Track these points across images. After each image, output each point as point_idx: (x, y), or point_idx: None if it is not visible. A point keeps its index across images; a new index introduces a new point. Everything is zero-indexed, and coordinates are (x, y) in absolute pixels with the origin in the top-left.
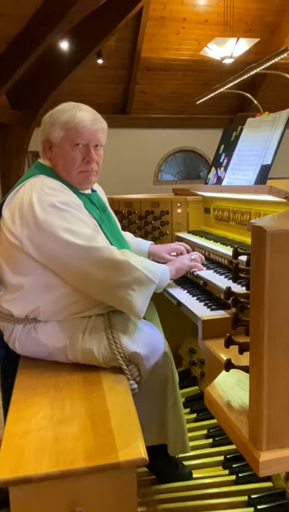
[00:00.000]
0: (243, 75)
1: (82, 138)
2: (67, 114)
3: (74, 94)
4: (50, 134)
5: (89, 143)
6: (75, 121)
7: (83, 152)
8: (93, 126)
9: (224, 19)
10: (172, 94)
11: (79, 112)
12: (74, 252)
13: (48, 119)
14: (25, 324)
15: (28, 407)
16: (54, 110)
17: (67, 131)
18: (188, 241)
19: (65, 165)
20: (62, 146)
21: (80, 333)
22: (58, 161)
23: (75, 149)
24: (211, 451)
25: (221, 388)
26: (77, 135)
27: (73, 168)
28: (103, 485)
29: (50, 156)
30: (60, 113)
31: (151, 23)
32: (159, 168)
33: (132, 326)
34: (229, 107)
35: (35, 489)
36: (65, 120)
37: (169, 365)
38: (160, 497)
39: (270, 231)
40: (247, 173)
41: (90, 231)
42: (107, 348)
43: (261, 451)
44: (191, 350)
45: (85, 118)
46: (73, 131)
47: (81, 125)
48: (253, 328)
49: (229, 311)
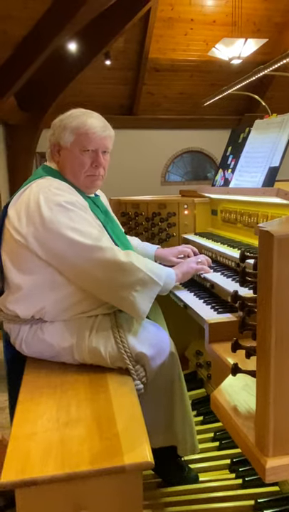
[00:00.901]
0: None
1: (92, 144)
2: (79, 120)
3: (82, 95)
4: (60, 138)
5: (98, 149)
6: (86, 127)
7: (92, 157)
8: (103, 133)
9: (232, 20)
10: (180, 95)
11: (90, 118)
12: (79, 250)
13: (59, 124)
14: (32, 325)
15: (34, 408)
16: (65, 115)
17: (77, 136)
18: (195, 243)
19: (73, 169)
20: (72, 150)
21: (86, 332)
22: (67, 165)
23: (84, 154)
24: (218, 455)
25: (227, 393)
26: (88, 141)
27: (81, 172)
28: (109, 488)
29: (58, 160)
30: (72, 118)
31: (159, 24)
32: (166, 169)
33: (139, 326)
34: (237, 108)
35: (41, 491)
36: (76, 126)
37: (175, 365)
38: (166, 500)
39: (278, 236)
40: (254, 175)
41: (96, 231)
42: (114, 347)
43: (268, 458)
44: (198, 352)
45: (96, 125)
46: (83, 136)
47: (92, 131)
48: (259, 332)
49: (236, 315)
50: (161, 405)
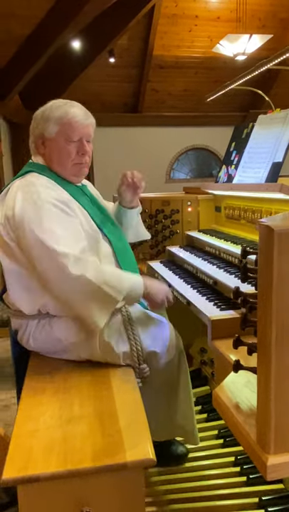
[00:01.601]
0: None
1: (76, 133)
2: (61, 110)
3: (86, 93)
4: (44, 130)
5: (82, 137)
6: (68, 116)
7: (77, 146)
8: (85, 122)
9: (237, 16)
10: (184, 92)
11: (71, 108)
12: (40, 249)
13: (41, 115)
14: (40, 320)
15: (36, 406)
16: (45, 107)
17: (61, 126)
18: (198, 240)
19: (61, 158)
20: (57, 140)
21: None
22: (53, 155)
23: (70, 144)
24: (222, 452)
25: (229, 390)
26: (72, 130)
27: (68, 161)
28: (111, 485)
29: (44, 152)
30: (54, 109)
31: (163, 20)
32: (171, 167)
33: (150, 322)
34: (242, 104)
35: (43, 488)
36: (59, 116)
37: (182, 361)
38: (170, 497)
39: (278, 230)
40: (258, 171)
41: (62, 232)
42: (127, 344)
43: (269, 455)
44: (202, 349)
45: (78, 113)
46: (67, 125)
47: (74, 120)
48: (260, 328)
49: (239, 311)
50: (166, 398)
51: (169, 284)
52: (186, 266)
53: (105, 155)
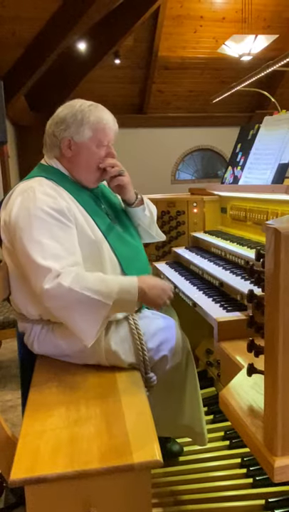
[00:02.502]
0: (260, 72)
1: (107, 138)
2: (95, 115)
3: (91, 94)
4: (75, 133)
5: (110, 141)
6: (103, 122)
7: (106, 150)
8: (114, 127)
9: (242, 16)
10: (190, 92)
11: (103, 112)
12: (25, 258)
13: (73, 119)
14: (43, 325)
15: (43, 406)
16: (74, 110)
17: (95, 132)
18: (204, 241)
19: (89, 164)
20: (89, 146)
21: (101, 335)
22: (81, 160)
23: (101, 149)
24: (228, 454)
25: (236, 391)
26: (104, 136)
27: (96, 166)
28: (117, 486)
29: (70, 155)
30: (86, 113)
31: (168, 21)
32: (176, 168)
33: (157, 327)
34: (247, 105)
35: (50, 489)
36: (94, 121)
37: (189, 363)
38: (176, 498)
39: (285, 232)
40: (264, 172)
41: (50, 243)
42: (134, 353)
43: (276, 457)
44: (208, 351)
45: (110, 120)
46: (101, 132)
47: (108, 126)
48: (267, 331)
49: (245, 313)
50: (172, 399)
51: (174, 286)
52: (192, 267)
53: None
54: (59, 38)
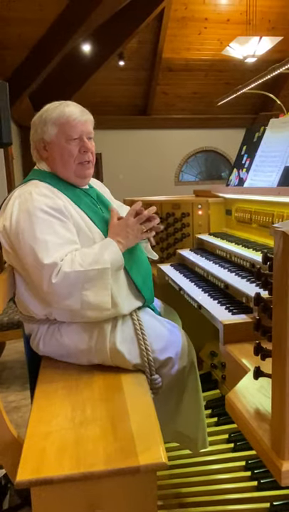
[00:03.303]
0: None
1: (75, 131)
2: (57, 111)
3: (96, 96)
4: (43, 133)
5: (82, 135)
6: (65, 115)
7: (79, 144)
8: (83, 118)
9: (247, 18)
10: (194, 94)
11: (67, 107)
12: (32, 259)
13: (38, 120)
14: (49, 325)
15: (49, 408)
16: (41, 111)
17: (60, 126)
18: (209, 243)
19: (63, 159)
20: (57, 142)
21: (107, 334)
22: (56, 158)
23: (70, 143)
24: (232, 456)
25: (242, 394)
26: (70, 128)
27: (71, 161)
28: (123, 488)
29: (47, 156)
30: (49, 111)
31: (172, 23)
32: (180, 169)
33: (163, 329)
34: (251, 107)
35: (56, 490)
36: (56, 117)
37: (193, 366)
38: (181, 501)
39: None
40: (270, 175)
41: (53, 239)
42: (139, 354)
43: (284, 461)
44: (212, 353)
45: (74, 111)
46: (66, 125)
47: (72, 118)
48: (275, 334)
49: (251, 315)
50: (169, 404)
51: (179, 288)
52: (197, 269)
53: (114, 157)
54: (64, 40)
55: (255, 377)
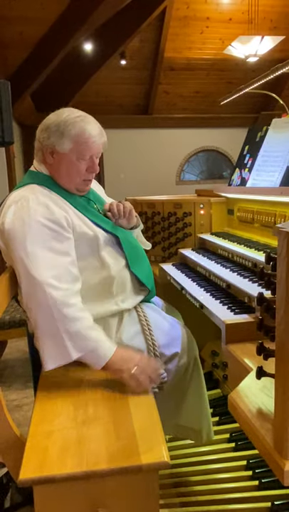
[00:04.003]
0: (268, 75)
1: (90, 152)
2: (78, 129)
3: (97, 95)
4: (57, 144)
5: (93, 155)
6: (85, 135)
7: (88, 163)
8: (100, 141)
9: (249, 17)
10: (195, 93)
11: (88, 125)
12: (21, 269)
13: (56, 129)
14: None
15: (51, 407)
16: (59, 118)
17: (76, 144)
18: (211, 243)
19: (69, 174)
20: (69, 157)
21: (112, 330)
22: (61, 170)
23: (81, 161)
24: (234, 456)
25: (245, 394)
26: (86, 149)
27: (77, 177)
28: (125, 487)
29: (52, 163)
30: (70, 125)
31: (174, 22)
32: (181, 168)
33: (168, 325)
34: (253, 106)
35: (58, 489)
36: (75, 134)
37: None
38: (182, 500)
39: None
40: (272, 175)
41: (45, 255)
42: (145, 349)
43: (287, 460)
44: (214, 352)
45: (95, 133)
46: (83, 145)
47: (91, 140)
48: (278, 334)
49: (253, 315)
50: (173, 401)
51: (181, 287)
52: (199, 269)
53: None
54: (66, 39)
55: (257, 377)
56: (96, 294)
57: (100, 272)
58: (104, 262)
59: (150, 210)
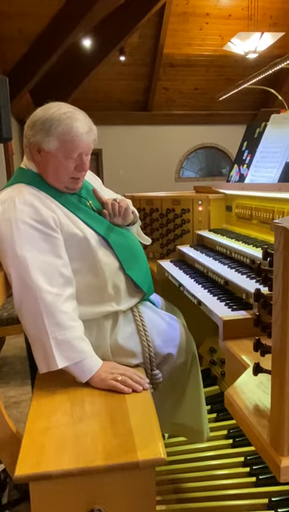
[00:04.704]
0: (267, 70)
1: (77, 151)
2: (64, 126)
3: (96, 91)
4: (42, 141)
5: (82, 153)
6: (72, 133)
7: (76, 161)
8: (88, 138)
9: (248, 13)
10: (195, 90)
11: (75, 122)
12: (11, 270)
13: (41, 126)
14: None
15: (48, 403)
16: (45, 114)
17: (63, 143)
18: (209, 239)
19: (57, 172)
20: (55, 155)
21: (107, 331)
22: (49, 168)
23: (68, 160)
24: (231, 452)
25: (242, 391)
26: (73, 148)
27: (65, 176)
28: (122, 484)
29: (39, 160)
30: (56, 123)
31: (174, 18)
32: (180, 165)
33: (164, 324)
34: (252, 103)
35: (55, 485)
36: (61, 132)
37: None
38: (179, 496)
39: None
40: (270, 171)
41: (33, 256)
42: (140, 349)
43: (283, 457)
44: (212, 349)
45: (82, 131)
46: (69, 143)
47: (78, 139)
48: (275, 330)
49: (251, 312)
50: (171, 399)
51: (179, 284)
52: (197, 265)
53: (115, 153)
54: (64, 35)
55: (254, 374)
56: (89, 297)
57: (92, 275)
58: (96, 264)
59: (148, 206)
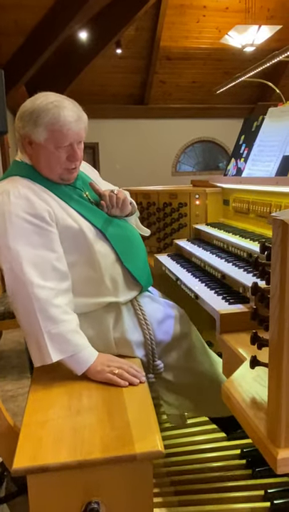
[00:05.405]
0: (264, 63)
1: (67, 139)
2: (51, 115)
3: (93, 84)
4: (32, 133)
5: (73, 142)
6: (59, 123)
7: (67, 151)
8: (77, 127)
9: (245, 6)
10: (192, 83)
11: (63, 111)
12: (3, 264)
13: (29, 117)
14: None
15: (46, 397)
16: (34, 106)
17: (51, 132)
18: (206, 233)
19: (49, 164)
20: (46, 146)
21: (110, 323)
22: (41, 159)
23: (59, 150)
24: (228, 445)
25: (238, 383)
26: (62, 137)
27: (57, 167)
28: (119, 476)
29: (31, 153)
30: (43, 112)
31: (170, 11)
32: (177, 159)
33: (164, 315)
34: (250, 96)
35: (52, 478)
36: (49, 121)
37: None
38: (176, 488)
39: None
40: (268, 165)
41: (27, 250)
42: (142, 340)
43: (279, 449)
44: (209, 343)
45: (70, 119)
46: (58, 133)
47: (66, 127)
48: (272, 323)
49: (248, 305)
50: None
51: (176, 278)
52: (194, 259)
53: (111, 147)
54: (61, 27)
55: (251, 367)
56: (86, 289)
57: (88, 267)
58: (92, 256)
59: (145, 200)
